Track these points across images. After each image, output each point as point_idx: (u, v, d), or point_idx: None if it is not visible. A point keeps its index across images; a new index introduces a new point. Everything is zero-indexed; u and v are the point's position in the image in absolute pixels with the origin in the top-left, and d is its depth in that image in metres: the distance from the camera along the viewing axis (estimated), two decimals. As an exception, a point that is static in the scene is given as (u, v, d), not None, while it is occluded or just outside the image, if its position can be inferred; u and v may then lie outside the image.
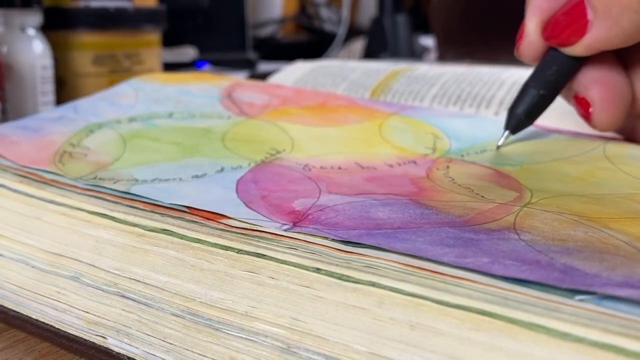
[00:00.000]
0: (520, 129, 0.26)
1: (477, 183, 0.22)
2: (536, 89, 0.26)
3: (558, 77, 0.26)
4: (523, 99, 0.26)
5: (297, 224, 0.18)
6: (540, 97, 0.26)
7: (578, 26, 0.24)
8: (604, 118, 0.25)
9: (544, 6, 0.26)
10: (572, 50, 0.25)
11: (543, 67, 0.26)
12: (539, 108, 0.26)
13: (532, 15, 0.26)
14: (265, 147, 0.27)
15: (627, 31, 0.23)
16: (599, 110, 0.25)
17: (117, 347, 0.18)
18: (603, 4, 0.23)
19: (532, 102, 0.26)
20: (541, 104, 0.26)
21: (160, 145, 0.27)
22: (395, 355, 0.14)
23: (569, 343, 0.12)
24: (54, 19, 0.55)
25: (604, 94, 0.25)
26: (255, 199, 0.20)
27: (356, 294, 0.15)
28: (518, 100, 0.26)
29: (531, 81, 0.26)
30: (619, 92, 0.25)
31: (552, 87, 0.26)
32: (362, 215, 0.18)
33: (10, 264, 0.20)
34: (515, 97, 0.27)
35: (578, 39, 0.24)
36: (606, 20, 0.23)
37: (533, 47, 0.26)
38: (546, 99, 0.26)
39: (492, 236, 0.17)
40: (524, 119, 0.26)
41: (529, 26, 0.26)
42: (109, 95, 0.33)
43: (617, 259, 0.15)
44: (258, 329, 0.16)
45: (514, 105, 0.26)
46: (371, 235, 0.17)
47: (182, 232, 0.18)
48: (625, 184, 0.22)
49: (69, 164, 0.24)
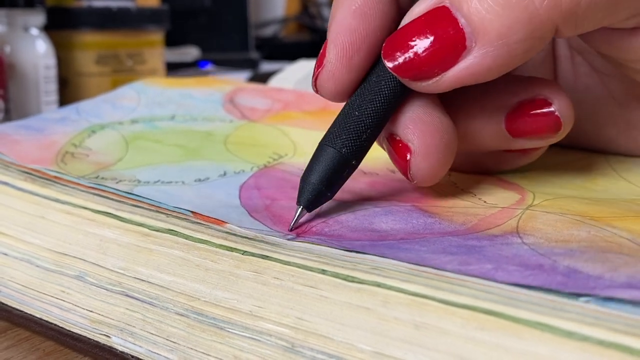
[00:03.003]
0: (319, 203, 0.19)
1: (479, 186, 0.22)
2: (336, 148, 0.19)
3: (374, 129, 0.19)
4: (318, 163, 0.19)
5: (301, 235, 0.18)
6: (344, 158, 0.19)
7: (449, 52, 0.18)
8: (425, 169, 0.19)
9: (352, 25, 0.19)
10: (428, 85, 0.18)
11: (348, 115, 0.19)
12: (343, 173, 0.19)
13: (337, 36, 0.19)
14: (267, 151, 0.27)
15: (516, 59, 0.18)
16: (421, 159, 0.19)
17: (121, 345, 0.18)
18: (494, 23, 0.17)
19: (334, 167, 0.19)
20: (347, 167, 0.19)
21: (163, 147, 0.27)
22: (400, 354, 0.14)
23: (574, 342, 0.12)
24: (57, 19, 0.55)
25: (428, 139, 0.19)
26: (259, 208, 0.20)
27: (361, 294, 0.15)
28: (313, 165, 0.19)
29: (330, 138, 0.19)
30: (445, 137, 0.19)
31: (362, 145, 0.19)
32: (365, 227, 0.18)
33: (14, 263, 0.20)
34: (309, 161, 0.19)
35: (445, 69, 0.18)
36: (495, 46, 0.17)
37: (337, 78, 0.20)
38: (353, 159, 0.19)
39: (495, 242, 0.17)
40: (323, 189, 0.19)
41: (331, 52, 0.19)
42: (111, 98, 0.33)
43: (621, 258, 0.15)
44: (263, 328, 0.16)
45: (308, 172, 0.19)
46: (375, 246, 0.17)
47: (188, 232, 0.18)
48: (627, 191, 0.22)
49: (71, 163, 0.24)
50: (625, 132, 0.25)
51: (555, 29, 0.18)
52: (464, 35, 0.18)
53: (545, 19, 0.17)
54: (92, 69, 0.57)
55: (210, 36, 0.93)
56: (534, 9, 0.17)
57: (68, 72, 0.56)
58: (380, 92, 0.19)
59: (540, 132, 0.21)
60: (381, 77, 0.19)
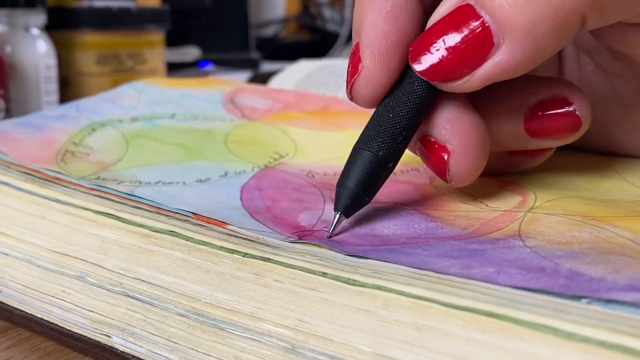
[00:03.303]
0: (357, 208, 0.19)
1: (481, 189, 0.22)
2: (372, 152, 0.19)
3: (409, 131, 0.19)
4: (355, 167, 0.19)
5: (303, 238, 0.18)
6: (381, 161, 0.19)
7: (477, 50, 0.17)
8: (464, 169, 0.19)
9: (386, 29, 0.19)
10: (459, 85, 0.18)
11: (382, 118, 0.19)
12: (381, 176, 0.19)
13: (372, 41, 0.19)
14: (268, 151, 0.27)
15: (545, 53, 0.18)
16: (460, 160, 0.19)
17: (122, 345, 0.18)
18: (519, 17, 0.17)
19: (371, 170, 0.19)
20: (384, 170, 0.19)
21: (163, 146, 0.27)
22: (401, 355, 0.14)
23: (575, 343, 0.12)
24: (57, 19, 0.55)
25: (466, 138, 0.19)
26: (260, 209, 0.20)
27: (362, 296, 0.15)
28: (349, 169, 0.19)
29: (365, 141, 0.19)
30: (481, 136, 0.19)
31: (398, 147, 0.19)
32: (367, 232, 0.18)
33: (15, 263, 0.20)
34: (345, 166, 0.19)
35: (474, 68, 0.18)
36: (523, 40, 0.17)
37: (375, 83, 0.19)
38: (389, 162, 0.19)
39: (498, 245, 0.17)
40: (361, 194, 0.19)
41: (367, 58, 0.19)
42: (112, 96, 0.33)
43: (623, 260, 0.15)
44: (263, 330, 0.16)
45: (344, 176, 0.19)
46: (377, 251, 0.17)
47: (188, 234, 0.18)
48: (630, 193, 0.22)
49: (72, 163, 0.24)
50: (630, 134, 0.25)
51: (582, 19, 0.17)
52: (491, 32, 0.17)
53: (570, 10, 0.17)
54: (93, 69, 0.57)
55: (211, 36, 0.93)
56: (559, 1, 0.17)
57: (69, 72, 0.56)
58: (414, 93, 0.19)
59: (559, 132, 0.21)
60: (414, 79, 0.19)
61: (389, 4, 0.19)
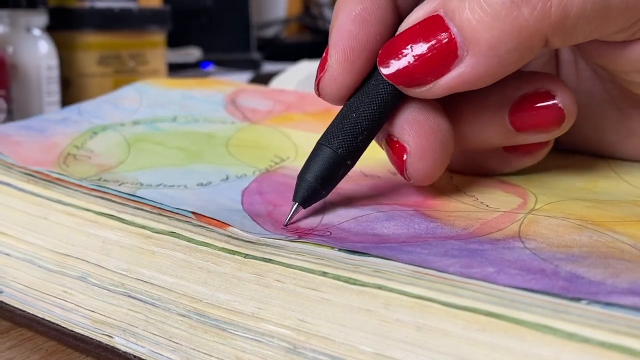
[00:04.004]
0: (314, 200, 0.20)
1: (481, 190, 0.22)
2: (332, 148, 0.19)
3: (370, 131, 0.20)
4: (315, 162, 0.20)
5: (303, 237, 0.18)
6: (340, 158, 0.20)
7: (441, 60, 0.18)
8: (421, 169, 0.20)
9: (353, 30, 0.20)
10: (422, 91, 0.19)
11: (345, 117, 0.20)
12: (338, 172, 0.20)
13: (339, 41, 0.20)
14: (269, 154, 0.27)
15: (507, 68, 0.18)
16: (416, 160, 0.20)
17: (124, 346, 0.18)
18: (484, 33, 0.18)
19: (329, 166, 0.19)
20: (342, 167, 0.20)
21: (165, 150, 0.27)
22: (402, 356, 0.14)
23: (575, 343, 0.12)
24: (59, 20, 0.55)
25: (423, 140, 0.20)
26: (261, 214, 0.20)
27: (362, 296, 0.15)
28: (310, 163, 0.20)
29: (327, 138, 0.20)
30: (440, 138, 0.20)
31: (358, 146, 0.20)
32: (367, 232, 0.18)
33: (17, 264, 0.21)
34: (306, 160, 0.20)
35: (437, 77, 0.18)
36: (485, 56, 0.18)
37: (338, 82, 0.20)
38: (348, 160, 0.20)
39: (497, 246, 0.17)
40: (319, 187, 0.20)
41: (333, 57, 0.20)
42: (113, 98, 0.33)
43: (622, 264, 0.15)
44: (264, 330, 0.16)
45: (304, 170, 0.20)
46: (377, 248, 0.17)
47: (189, 235, 0.18)
48: (628, 193, 0.22)
49: (73, 165, 0.24)
50: (626, 139, 0.25)
51: (545, 39, 0.18)
52: (456, 45, 0.18)
53: (534, 30, 0.18)
54: (95, 70, 0.57)
55: (212, 37, 0.93)
56: (523, 21, 0.17)
57: (70, 72, 0.56)
58: (378, 95, 0.20)
59: (544, 125, 0.21)
60: (379, 81, 0.20)
61: (359, 8, 0.20)
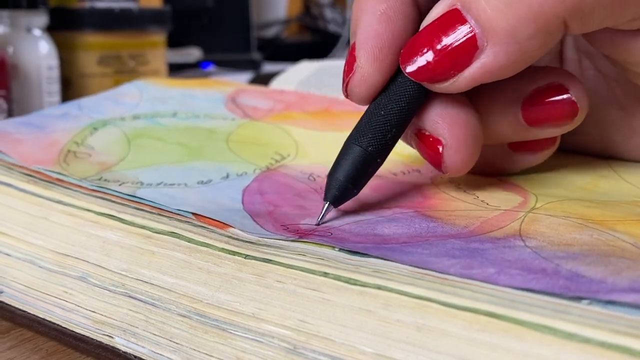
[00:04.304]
0: (345, 199, 0.20)
1: (482, 189, 0.22)
2: (362, 147, 0.20)
3: (398, 129, 0.20)
4: (345, 161, 0.20)
5: (303, 237, 0.18)
6: (370, 156, 0.20)
7: (462, 53, 0.18)
8: (458, 161, 0.20)
9: (379, 29, 0.20)
10: (446, 86, 0.19)
11: (374, 115, 0.20)
12: (368, 170, 0.20)
13: (366, 41, 0.20)
14: (269, 151, 0.27)
15: (530, 56, 0.18)
16: (453, 152, 0.20)
17: (124, 346, 0.18)
18: (500, 21, 0.18)
19: (359, 164, 0.20)
20: (372, 165, 0.20)
21: (165, 146, 0.27)
22: (402, 356, 0.14)
23: (575, 343, 0.12)
24: (59, 20, 0.55)
25: (458, 132, 0.20)
26: (262, 214, 0.20)
27: (363, 296, 0.15)
28: (340, 162, 0.20)
29: (356, 136, 0.20)
30: (473, 129, 0.20)
31: (387, 143, 0.20)
32: (368, 232, 0.19)
33: (17, 264, 0.21)
34: (336, 158, 0.20)
35: (460, 70, 0.18)
36: (506, 44, 0.18)
37: (369, 82, 0.20)
38: (377, 157, 0.20)
39: (498, 244, 0.17)
40: (350, 186, 0.20)
41: (362, 57, 0.20)
42: (113, 95, 0.33)
43: (623, 262, 0.15)
44: (265, 330, 0.16)
45: (335, 169, 0.20)
46: (378, 249, 0.17)
47: (190, 235, 0.18)
48: (628, 193, 0.22)
49: (74, 164, 0.24)
50: (629, 139, 0.25)
51: (564, 24, 0.18)
52: (475, 36, 0.18)
53: (550, 15, 0.17)
54: (95, 70, 0.57)
55: (213, 37, 0.93)
56: (539, 6, 0.17)
57: (71, 73, 0.56)
58: (405, 92, 0.20)
59: (556, 119, 0.21)
60: (406, 78, 0.20)
61: (383, 6, 0.20)
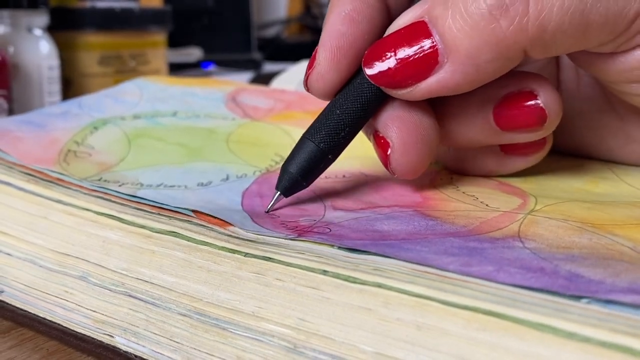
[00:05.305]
0: (295, 191, 0.21)
1: (481, 190, 0.22)
2: (315, 143, 0.20)
3: (352, 128, 0.21)
4: (298, 155, 0.21)
5: (302, 235, 0.18)
6: (322, 152, 0.21)
7: (422, 65, 0.19)
8: (404, 163, 0.21)
9: (341, 30, 0.20)
10: (403, 93, 0.20)
11: (330, 113, 0.21)
12: (319, 165, 0.21)
13: (327, 40, 0.21)
14: (269, 152, 0.27)
15: (486, 77, 0.19)
16: (399, 155, 0.21)
17: (125, 345, 0.18)
18: (463, 42, 0.18)
19: (311, 159, 0.21)
20: (324, 161, 0.21)
21: (165, 146, 0.27)
22: (402, 355, 0.14)
23: (575, 343, 0.12)
24: (60, 20, 0.55)
25: (406, 135, 0.20)
26: (261, 215, 0.20)
27: (362, 294, 0.15)
28: (294, 155, 0.21)
29: (311, 132, 0.21)
30: (422, 134, 0.20)
31: (340, 141, 0.21)
32: (367, 228, 0.19)
33: (18, 263, 0.21)
34: (291, 151, 0.21)
35: (418, 81, 0.19)
36: (464, 64, 0.18)
37: (325, 79, 0.21)
38: (329, 154, 0.21)
39: (497, 245, 0.17)
40: (300, 179, 0.21)
41: (321, 55, 0.21)
42: (114, 93, 0.33)
43: (622, 265, 0.15)
44: (265, 329, 0.16)
45: (288, 161, 0.21)
46: (376, 245, 0.17)
47: (189, 234, 0.18)
48: (628, 194, 0.22)
49: (74, 163, 0.24)
50: (625, 145, 0.25)
51: (524, 51, 0.18)
52: (437, 51, 0.19)
53: (512, 42, 0.18)
54: (96, 70, 0.57)
55: (213, 37, 0.93)
56: (501, 33, 0.18)
57: (71, 72, 0.56)
58: (362, 93, 0.21)
59: (525, 125, 0.21)
60: (364, 80, 0.20)
61: (349, 7, 0.21)
